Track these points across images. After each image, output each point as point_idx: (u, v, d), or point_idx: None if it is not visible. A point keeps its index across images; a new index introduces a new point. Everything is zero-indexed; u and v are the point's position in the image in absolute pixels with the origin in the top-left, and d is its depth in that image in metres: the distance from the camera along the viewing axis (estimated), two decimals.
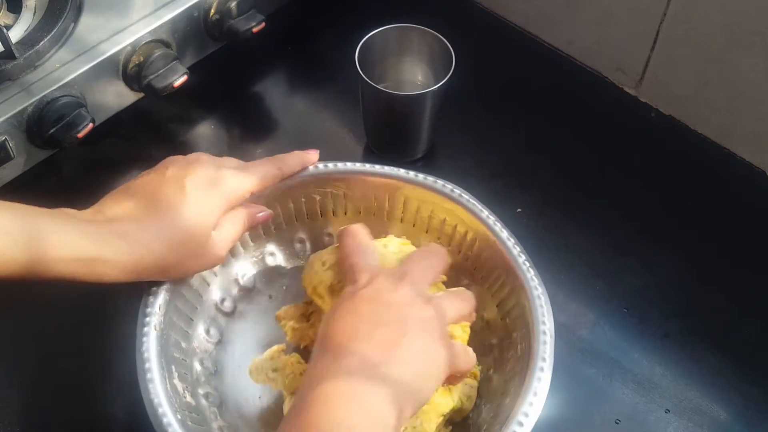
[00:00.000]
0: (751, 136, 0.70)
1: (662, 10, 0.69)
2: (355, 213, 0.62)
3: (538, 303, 0.54)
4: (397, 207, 0.61)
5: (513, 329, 0.56)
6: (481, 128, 0.76)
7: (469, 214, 0.59)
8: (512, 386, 0.53)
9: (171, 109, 0.76)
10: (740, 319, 0.64)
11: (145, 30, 0.68)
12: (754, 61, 0.66)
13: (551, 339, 0.53)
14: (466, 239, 0.59)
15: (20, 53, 0.64)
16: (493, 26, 0.83)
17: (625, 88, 0.77)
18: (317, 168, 0.60)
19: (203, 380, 0.56)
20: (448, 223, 0.60)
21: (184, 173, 0.52)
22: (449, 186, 0.59)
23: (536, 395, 0.50)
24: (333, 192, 0.61)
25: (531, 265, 0.56)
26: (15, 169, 0.66)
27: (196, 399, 0.54)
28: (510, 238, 0.57)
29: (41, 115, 0.64)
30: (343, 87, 0.77)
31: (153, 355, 0.51)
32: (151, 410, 0.49)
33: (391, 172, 0.60)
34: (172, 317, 0.54)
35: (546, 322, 0.53)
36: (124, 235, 0.49)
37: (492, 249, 0.58)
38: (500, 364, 0.56)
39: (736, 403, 0.60)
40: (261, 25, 0.73)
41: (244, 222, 0.55)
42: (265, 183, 0.57)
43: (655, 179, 0.72)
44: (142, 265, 0.50)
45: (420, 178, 0.60)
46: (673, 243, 0.68)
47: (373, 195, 0.61)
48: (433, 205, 0.60)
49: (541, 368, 0.51)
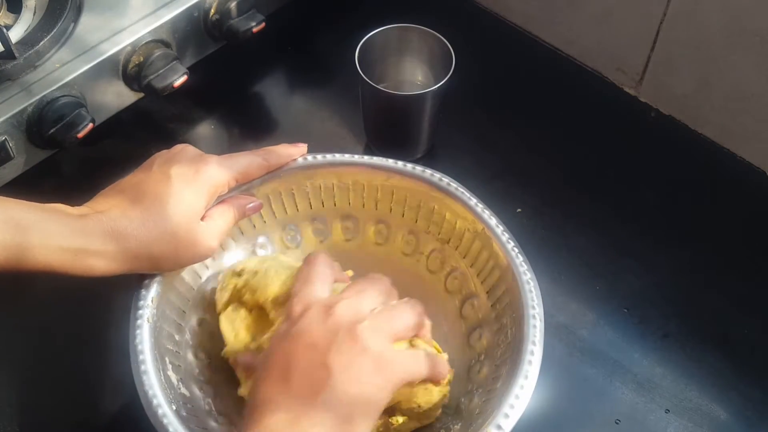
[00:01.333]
0: (751, 136, 0.70)
1: (662, 10, 0.69)
2: (345, 203, 0.63)
3: (527, 288, 0.55)
4: (387, 197, 0.62)
5: (503, 315, 0.56)
6: (481, 128, 0.76)
7: (457, 203, 0.59)
8: (503, 371, 0.53)
9: (171, 109, 0.76)
10: (740, 319, 0.64)
11: (145, 30, 0.68)
12: (754, 61, 0.66)
13: (541, 323, 0.53)
14: (455, 228, 0.60)
15: (20, 53, 0.64)
16: (493, 26, 0.83)
17: (625, 88, 0.77)
18: (307, 159, 0.60)
19: (197, 372, 0.56)
20: (437, 212, 0.61)
21: (169, 165, 0.53)
22: (438, 175, 0.60)
23: (527, 378, 0.51)
24: (323, 183, 0.62)
25: (520, 251, 0.57)
26: (15, 169, 0.66)
27: (191, 390, 0.54)
28: (499, 225, 0.58)
29: (41, 115, 0.64)
30: (343, 87, 0.77)
31: (147, 348, 0.51)
32: (146, 402, 0.49)
33: (380, 163, 0.61)
34: (165, 310, 0.55)
35: (535, 306, 0.54)
36: (112, 226, 0.50)
37: (481, 237, 0.58)
38: (491, 350, 0.57)
39: (736, 403, 0.60)
40: (261, 25, 0.73)
41: (234, 213, 0.56)
42: (250, 173, 0.57)
43: (655, 179, 0.72)
44: (131, 255, 0.50)
45: (409, 168, 0.60)
46: (673, 243, 0.68)
47: (363, 185, 0.62)
48: (422, 195, 0.60)
49: (531, 351, 0.52)
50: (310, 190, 0.62)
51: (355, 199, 0.62)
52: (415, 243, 0.62)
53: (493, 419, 0.50)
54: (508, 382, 0.51)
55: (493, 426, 0.49)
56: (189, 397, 0.53)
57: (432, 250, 0.62)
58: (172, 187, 0.52)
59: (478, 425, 0.51)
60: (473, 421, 0.52)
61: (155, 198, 0.51)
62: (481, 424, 0.50)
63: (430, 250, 0.62)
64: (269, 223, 0.62)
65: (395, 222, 0.62)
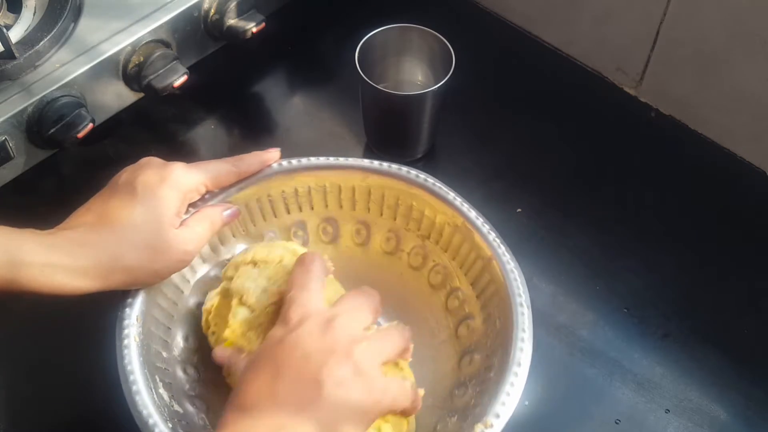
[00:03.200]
0: (751, 136, 0.70)
1: (662, 10, 0.69)
2: (323, 207, 0.63)
3: (512, 276, 0.55)
4: (364, 197, 0.62)
5: (489, 305, 0.57)
6: (481, 128, 0.76)
7: (436, 198, 0.59)
8: (495, 360, 0.54)
9: (171, 109, 0.76)
10: (740, 319, 0.64)
11: (145, 30, 0.68)
12: (754, 61, 0.66)
13: (528, 311, 0.54)
14: (435, 223, 0.60)
15: (20, 53, 0.64)
16: (493, 26, 0.83)
17: (625, 88, 0.77)
18: (281, 165, 0.60)
19: (187, 387, 0.55)
20: (416, 209, 0.61)
21: (134, 177, 0.53)
22: (414, 172, 0.60)
23: (520, 365, 0.51)
24: (298, 188, 0.62)
25: (501, 242, 0.57)
26: (15, 169, 0.66)
27: (183, 407, 0.53)
28: (479, 217, 0.58)
29: (41, 115, 0.64)
30: (343, 87, 0.77)
31: (136, 368, 0.51)
32: (142, 422, 0.49)
33: (354, 164, 0.61)
34: (150, 327, 0.54)
35: (522, 294, 0.54)
36: (80, 240, 0.49)
37: (462, 230, 0.59)
38: (480, 341, 0.57)
39: (736, 403, 0.60)
40: (261, 25, 0.73)
41: (212, 220, 0.55)
42: (219, 179, 0.57)
43: (654, 179, 0.72)
44: (105, 270, 0.50)
45: (385, 167, 0.60)
46: (673, 243, 0.68)
47: (338, 187, 0.62)
48: (399, 192, 0.61)
49: (521, 339, 0.52)
50: (287, 196, 0.62)
51: (333, 202, 0.62)
52: (396, 241, 0.63)
53: (491, 408, 0.50)
54: (502, 370, 0.52)
55: (491, 415, 0.50)
56: (183, 414, 0.53)
57: (413, 247, 0.62)
58: (138, 196, 0.51)
59: (476, 416, 0.51)
60: (470, 412, 0.53)
61: (123, 209, 0.51)
62: (479, 414, 0.51)
63: (411, 247, 0.62)
64: (246, 231, 0.62)
65: (374, 221, 0.63)
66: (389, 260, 0.63)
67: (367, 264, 0.63)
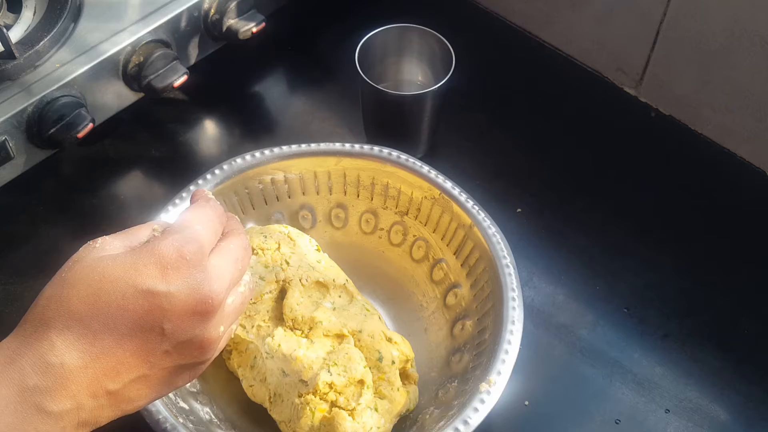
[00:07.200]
0: (751, 136, 0.70)
1: (662, 10, 0.69)
2: (299, 195, 0.63)
3: (494, 240, 0.57)
4: (340, 180, 0.63)
5: (475, 271, 0.58)
6: (482, 128, 0.76)
7: (411, 173, 0.61)
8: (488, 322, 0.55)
9: (171, 109, 0.76)
10: (740, 319, 0.64)
11: (145, 30, 0.68)
12: (754, 61, 0.66)
13: (515, 270, 0.56)
14: (412, 198, 0.61)
15: (20, 53, 0.64)
16: (493, 26, 0.83)
17: (625, 88, 0.77)
18: (254, 156, 0.61)
19: (189, 385, 0.56)
20: (392, 187, 0.62)
21: None
22: (386, 150, 0.61)
23: (515, 323, 0.53)
24: (273, 178, 0.62)
25: (480, 209, 0.58)
26: (15, 169, 0.66)
27: (188, 403, 0.54)
28: (455, 188, 0.59)
29: (41, 115, 0.64)
30: (343, 87, 0.77)
31: None
32: (153, 420, 0.49)
33: (327, 148, 0.62)
34: None
35: (506, 255, 0.56)
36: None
37: (440, 202, 0.60)
38: (470, 306, 0.58)
39: (736, 403, 0.60)
40: (261, 25, 0.73)
41: None
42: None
43: (654, 179, 0.72)
44: None
45: (357, 148, 0.61)
46: (673, 243, 0.68)
47: (313, 173, 0.62)
48: (374, 172, 0.62)
49: (512, 298, 0.54)
50: (263, 187, 0.62)
51: (309, 188, 0.63)
52: (375, 221, 0.64)
53: (492, 366, 0.51)
54: (497, 330, 0.53)
55: (493, 373, 0.51)
56: (189, 410, 0.53)
57: (392, 224, 0.63)
58: None
59: (477, 377, 0.52)
60: (470, 375, 0.54)
61: None
62: (480, 376, 0.52)
63: (390, 224, 0.63)
64: None
65: (352, 203, 0.63)
66: (370, 240, 0.64)
67: (347, 246, 0.64)
